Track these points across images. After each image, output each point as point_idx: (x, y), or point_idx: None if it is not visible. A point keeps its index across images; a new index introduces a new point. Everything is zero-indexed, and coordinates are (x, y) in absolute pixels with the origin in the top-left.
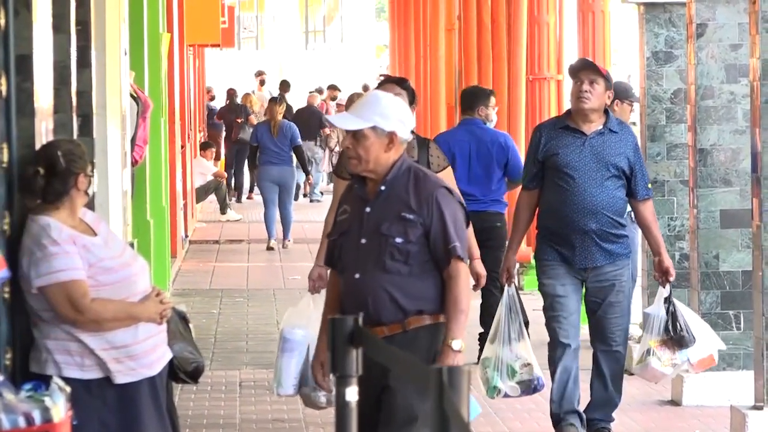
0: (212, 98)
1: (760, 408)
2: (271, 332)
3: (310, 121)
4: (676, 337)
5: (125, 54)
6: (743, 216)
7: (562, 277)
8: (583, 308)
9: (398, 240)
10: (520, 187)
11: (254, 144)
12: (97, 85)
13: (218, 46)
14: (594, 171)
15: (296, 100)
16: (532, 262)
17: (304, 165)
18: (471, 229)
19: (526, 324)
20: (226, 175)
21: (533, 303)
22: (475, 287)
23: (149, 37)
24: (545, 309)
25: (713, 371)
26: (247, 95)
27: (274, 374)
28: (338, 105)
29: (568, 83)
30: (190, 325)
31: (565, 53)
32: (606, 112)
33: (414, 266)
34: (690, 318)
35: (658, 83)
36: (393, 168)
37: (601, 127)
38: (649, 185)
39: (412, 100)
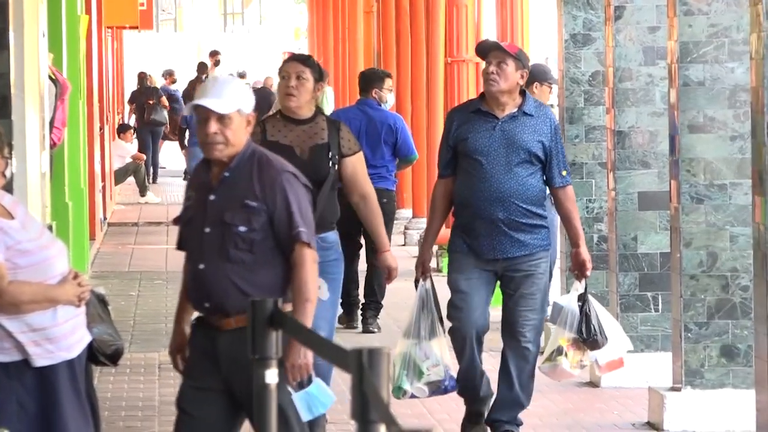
0: (173, 81)
1: (678, 389)
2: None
3: (261, 103)
4: (589, 340)
5: (43, 36)
6: (661, 198)
7: (468, 270)
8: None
9: (242, 228)
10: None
11: (183, 126)
12: (15, 66)
13: (136, 28)
14: (503, 156)
15: None
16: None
17: None
18: (380, 220)
19: (441, 321)
20: (144, 157)
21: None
22: (386, 280)
23: (67, 19)
24: (448, 302)
25: (631, 353)
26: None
27: None
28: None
29: None
30: (109, 308)
31: (484, 36)
32: (523, 93)
33: (259, 255)
34: (603, 317)
35: (577, 66)
36: (238, 154)
37: (515, 110)
38: (564, 173)
39: (319, 77)
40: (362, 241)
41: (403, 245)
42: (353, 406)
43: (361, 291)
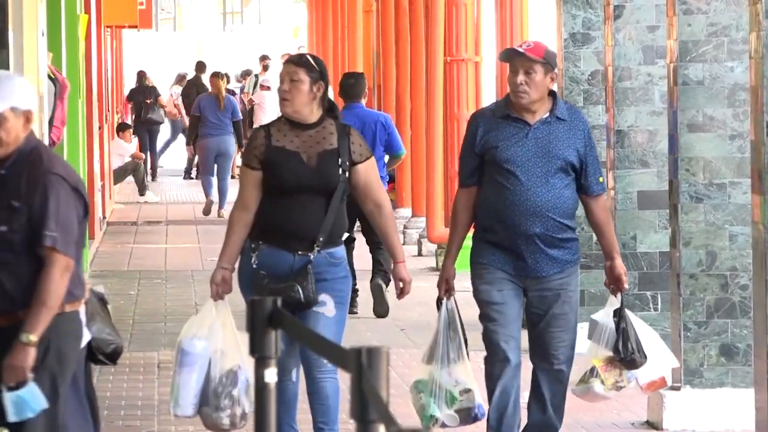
0: (266, 68)
1: (677, 389)
2: (189, 314)
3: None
4: (626, 359)
5: (43, 35)
6: (660, 197)
7: (500, 282)
8: None
9: (2, 228)
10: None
11: (196, 114)
12: (15, 66)
13: (136, 27)
14: (539, 167)
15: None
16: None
17: (240, 139)
18: (395, 229)
19: (466, 342)
20: (143, 156)
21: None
22: (399, 295)
23: (67, 18)
24: (481, 318)
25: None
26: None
27: (171, 392)
28: (261, 86)
29: (486, 65)
30: (109, 307)
31: (483, 35)
32: (553, 95)
33: (21, 256)
34: (643, 333)
35: (576, 65)
36: (14, 153)
37: (546, 114)
38: (601, 179)
39: (318, 76)
40: (355, 235)
41: (402, 244)
42: (352, 405)
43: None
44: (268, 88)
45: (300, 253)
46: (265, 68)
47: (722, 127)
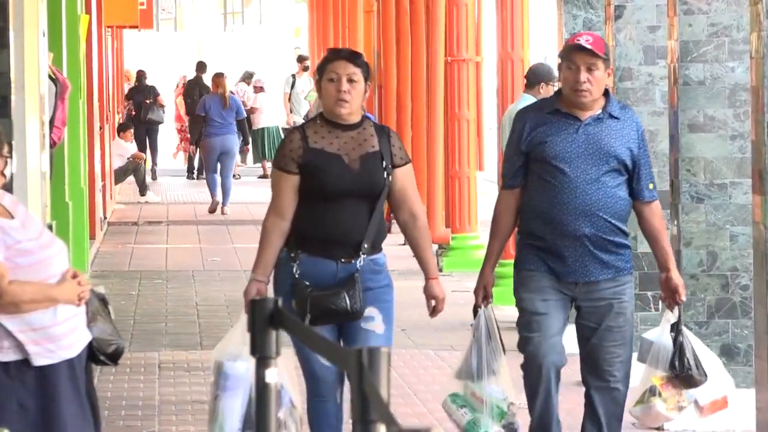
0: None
1: None
2: (190, 314)
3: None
4: (683, 375)
5: (43, 35)
6: (661, 197)
7: (545, 291)
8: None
9: None
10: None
11: (201, 114)
12: (15, 66)
13: (136, 27)
14: (589, 164)
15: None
16: (451, 243)
17: (245, 136)
18: (429, 243)
19: (503, 351)
20: (144, 156)
21: (452, 285)
22: (432, 313)
23: (67, 18)
24: (520, 327)
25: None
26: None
27: (211, 417)
28: (255, 87)
29: (486, 65)
30: (110, 307)
31: (484, 35)
32: (606, 92)
33: None
34: (701, 351)
35: None
36: None
37: (599, 111)
38: (651, 185)
39: (368, 77)
40: None
41: (403, 244)
42: (353, 405)
43: None
44: (262, 89)
45: (344, 260)
46: (305, 69)
47: (723, 128)
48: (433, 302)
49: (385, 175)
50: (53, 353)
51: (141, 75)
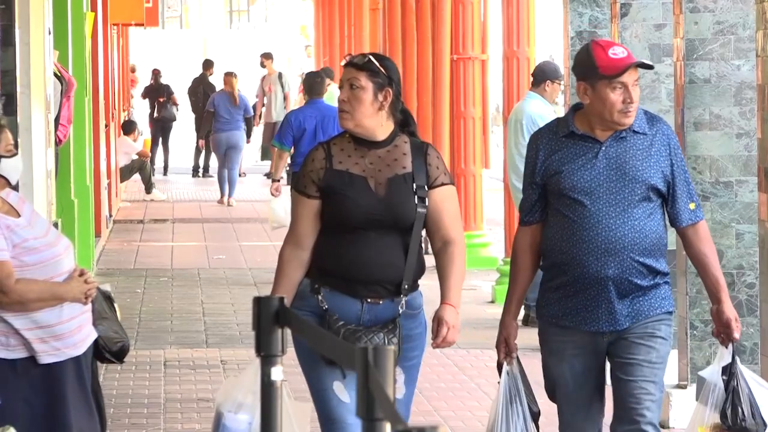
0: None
1: (684, 387)
2: (196, 312)
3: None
4: (735, 427)
5: (49, 33)
6: None
7: (571, 351)
8: None
9: None
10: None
11: (210, 110)
12: (21, 64)
13: (142, 25)
14: (613, 193)
15: (219, 80)
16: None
17: (249, 133)
18: (461, 272)
19: (537, 415)
20: (150, 154)
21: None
22: (435, 339)
23: (73, 16)
24: (548, 394)
25: None
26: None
27: None
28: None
29: (492, 63)
30: (115, 305)
31: (490, 33)
32: None
33: None
34: (760, 394)
35: None
36: None
37: (621, 129)
38: (693, 205)
39: (386, 82)
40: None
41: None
42: (359, 404)
43: None
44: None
45: (370, 301)
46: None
47: (729, 126)
48: (437, 326)
49: (417, 201)
50: (59, 351)
51: (156, 74)
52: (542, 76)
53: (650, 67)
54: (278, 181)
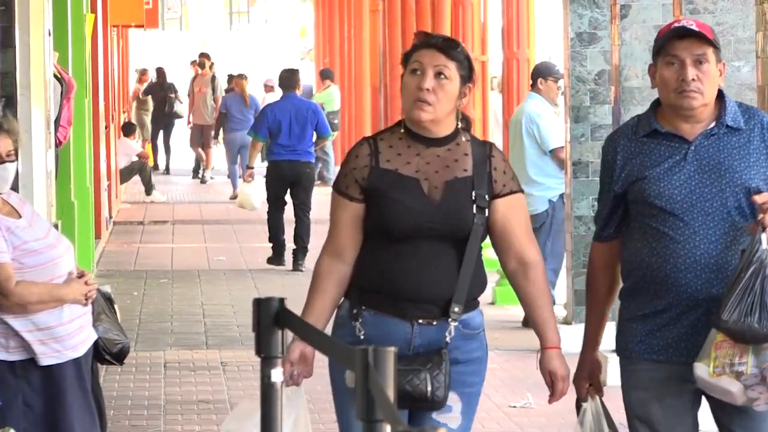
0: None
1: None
2: (196, 313)
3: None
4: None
5: (49, 34)
6: None
7: (661, 386)
8: None
9: None
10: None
11: (223, 111)
12: (21, 65)
13: (142, 26)
14: (708, 201)
15: (219, 80)
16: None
17: None
18: (548, 301)
19: None
20: (150, 155)
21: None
22: (551, 395)
23: (73, 18)
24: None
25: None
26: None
27: None
28: (265, 87)
29: (492, 64)
30: (115, 307)
31: (490, 34)
32: (720, 96)
33: None
34: None
35: (582, 64)
36: None
37: (712, 124)
38: None
39: (468, 76)
40: (287, 198)
41: None
42: (358, 405)
43: (288, 236)
44: (272, 88)
45: (421, 322)
46: (201, 66)
47: None
48: (548, 377)
49: (475, 210)
50: (59, 353)
51: (161, 72)
52: (535, 74)
53: (709, 43)
54: (252, 168)
